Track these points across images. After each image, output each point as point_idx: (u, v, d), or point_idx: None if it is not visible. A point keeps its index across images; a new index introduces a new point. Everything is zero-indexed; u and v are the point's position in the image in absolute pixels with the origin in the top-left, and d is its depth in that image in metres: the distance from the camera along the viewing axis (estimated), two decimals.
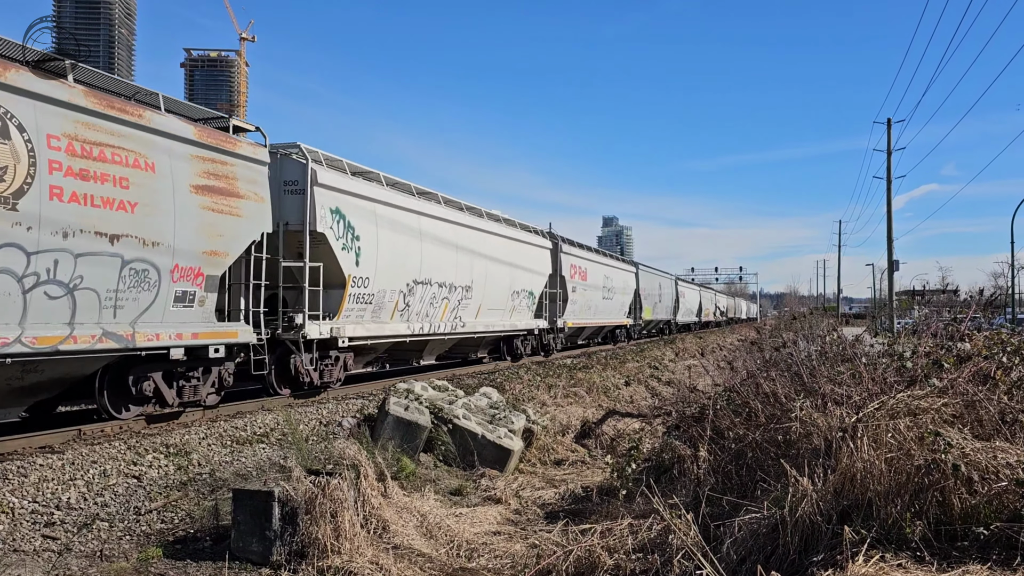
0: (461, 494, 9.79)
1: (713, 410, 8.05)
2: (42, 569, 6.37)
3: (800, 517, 5.41)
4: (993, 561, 4.77)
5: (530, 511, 9.14)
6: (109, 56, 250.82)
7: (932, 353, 7.48)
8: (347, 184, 14.52)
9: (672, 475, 8.62)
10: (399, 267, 16.13)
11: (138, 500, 8.01)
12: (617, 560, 5.86)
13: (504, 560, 7.06)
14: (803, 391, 7.45)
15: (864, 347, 9.28)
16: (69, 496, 7.71)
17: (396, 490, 8.15)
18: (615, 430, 14.36)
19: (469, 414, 12.04)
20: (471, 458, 11.27)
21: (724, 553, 5.51)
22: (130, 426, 10.39)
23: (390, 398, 11.70)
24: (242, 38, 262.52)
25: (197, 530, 7.56)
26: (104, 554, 6.90)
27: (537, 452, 12.59)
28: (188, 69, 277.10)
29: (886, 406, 6.17)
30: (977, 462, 5.32)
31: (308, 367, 13.46)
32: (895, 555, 4.89)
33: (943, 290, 51.18)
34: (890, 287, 41.53)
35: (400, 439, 10.96)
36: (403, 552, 6.97)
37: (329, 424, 11.69)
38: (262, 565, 6.70)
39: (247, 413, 11.72)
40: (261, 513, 6.81)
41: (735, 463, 7.32)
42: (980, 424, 6.22)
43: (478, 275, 20.10)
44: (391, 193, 16.39)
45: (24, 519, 7.17)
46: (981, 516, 5.13)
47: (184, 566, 6.74)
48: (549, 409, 15.23)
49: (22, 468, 7.85)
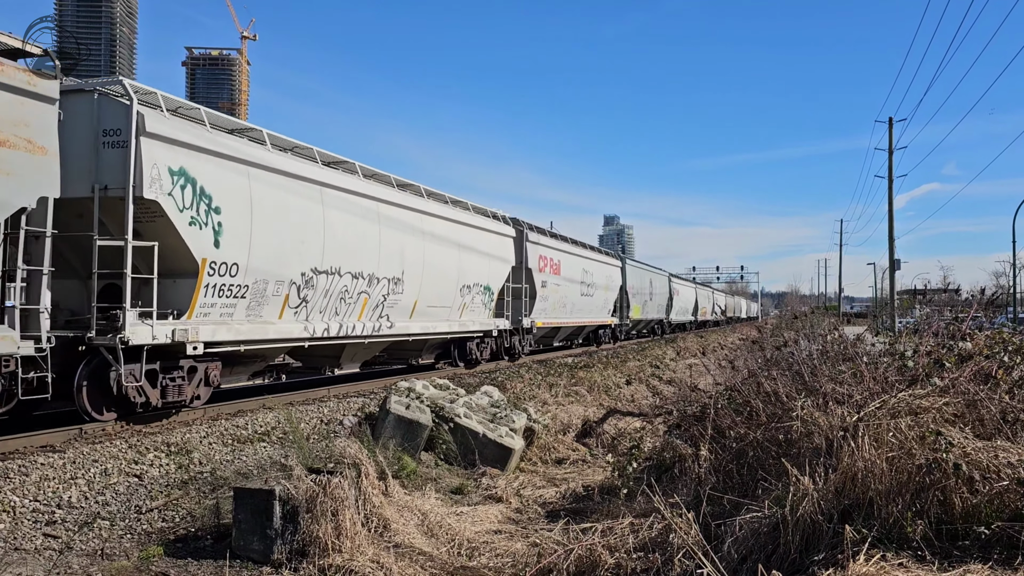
0: (462, 493, 9.79)
1: (714, 409, 8.05)
2: (43, 567, 6.38)
3: (801, 516, 5.41)
4: (994, 561, 4.77)
5: (531, 510, 9.14)
6: (111, 54, 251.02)
7: (933, 352, 7.48)
8: (201, 139, 11.01)
9: (673, 474, 8.62)
10: (289, 252, 12.71)
11: (139, 499, 8.02)
12: (618, 559, 5.86)
13: (505, 559, 7.06)
14: (804, 390, 7.45)
15: (865, 346, 9.28)
16: (70, 495, 7.72)
17: (397, 489, 8.16)
18: (616, 429, 14.37)
19: (470, 413, 12.04)
20: (472, 457, 11.28)
21: (725, 552, 5.51)
22: (132, 425, 10.39)
23: (391, 396, 11.70)
24: (243, 36, 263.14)
25: (198, 529, 7.56)
26: (105, 553, 6.91)
27: (538, 451, 12.59)
28: (189, 68, 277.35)
29: (887, 405, 6.17)
30: (978, 461, 5.32)
31: (133, 383, 10.02)
32: (896, 554, 4.89)
33: (944, 289, 51.18)
34: (891, 286, 41.53)
35: (401, 438, 10.96)
36: (404, 551, 6.98)
37: (330, 423, 11.69)
38: (263, 564, 6.71)
39: (248, 412, 11.71)
40: (262, 512, 6.81)
41: (736, 462, 7.32)
42: (981, 423, 6.22)
43: (412, 265, 16.62)
44: (279, 158, 12.87)
45: (25, 518, 7.17)
46: (982, 515, 5.13)
47: (185, 564, 6.75)
48: (550, 408, 15.23)
49: (23, 467, 7.86)
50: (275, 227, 12.36)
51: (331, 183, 13.92)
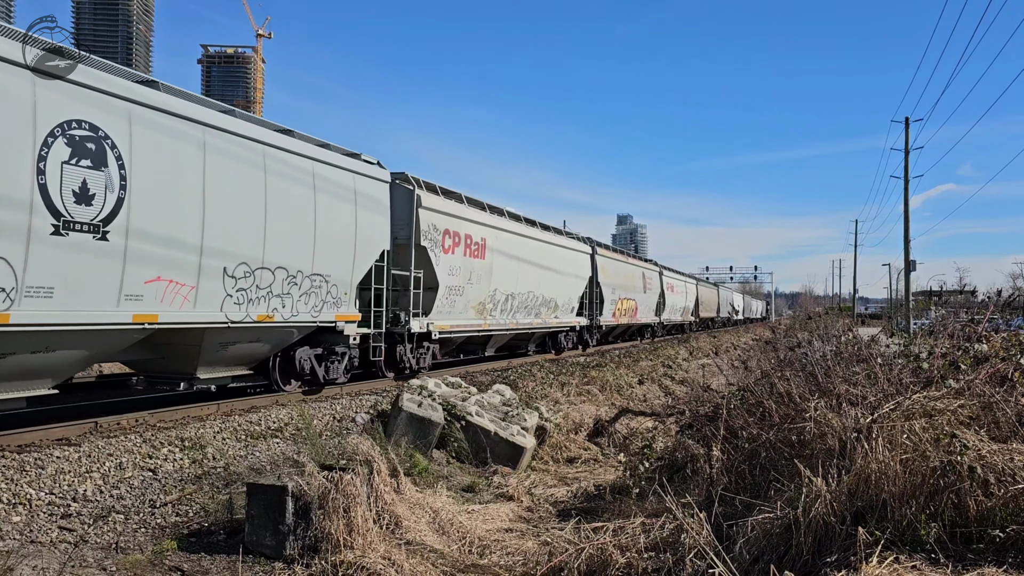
0: (473, 491, 9.81)
1: (727, 409, 8.02)
2: (58, 560, 6.43)
3: (814, 517, 5.39)
4: (1009, 564, 4.73)
5: (542, 509, 9.15)
6: (127, 52, 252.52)
7: (949, 354, 7.43)
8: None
9: (685, 474, 8.60)
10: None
11: (153, 493, 8.08)
12: (629, 558, 5.86)
13: (516, 557, 7.07)
14: (818, 391, 7.41)
15: (880, 347, 9.22)
16: (85, 488, 7.79)
17: (409, 486, 8.18)
18: (628, 428, 14.35)
19: (482, 411, 12.05)
20: (484, 455, 11.29)
21: (737, 553, 5.50)
22: (146, 419, 10.47)
23: (403, 394, 11.73)
24: (259, 34, 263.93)
25: (211, 523, 7.60)
26: (119, 546, 6.96)
27: (550, 450, 12.60)
28: (205, 66, 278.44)
29: (901, 407, 6.13)
30: (993, 464, 5.28)
31: None
32: (909, 557, 4.86)
33: (960, 291, 50.75)
34: (907, 287, 41.22)
35: (413, 435, 10.99)
36: (415, 548, 6.99)
37: (343, 420, 11.74)
38: (275, 559, 6.74)
39: (261, 408, 11.77)
40: (275, 507, 6.85)
41: (748, 463, 7.29)
42: (997, 426, 6.17)
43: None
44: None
45: (41, 511, 7.24)
46: (997, 519, 5.09)
47: (198, 559, 6.79)
48: (562, 407, 15.23)
49: (39, 460, 7.93)
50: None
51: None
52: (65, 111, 8.60)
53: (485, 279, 19.10)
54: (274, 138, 11.94)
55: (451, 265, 17.37)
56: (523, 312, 21.90)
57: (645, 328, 40.59)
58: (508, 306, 20.78)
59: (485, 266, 19.01)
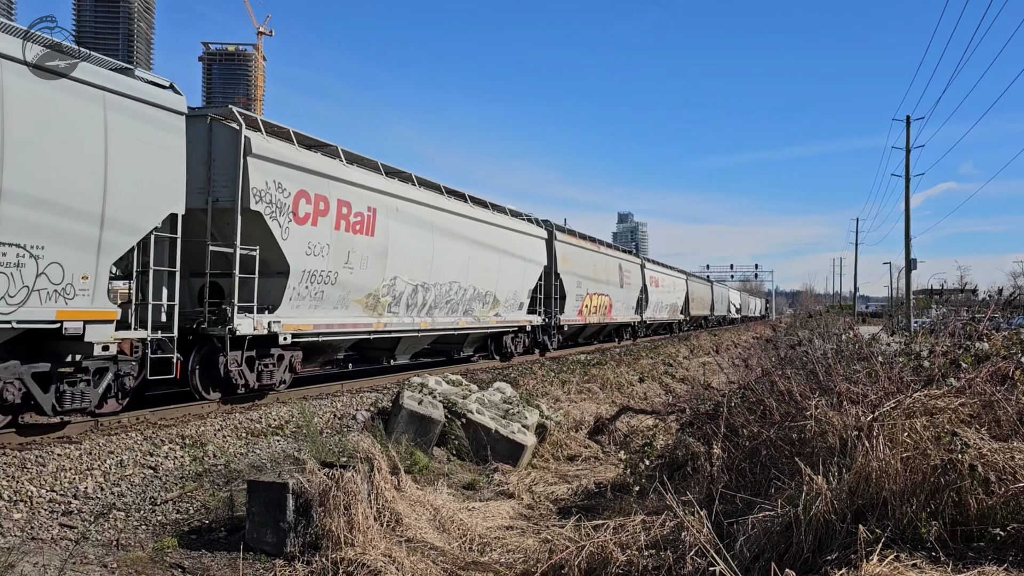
0: (474, 488, 9.82)
1: (727, 407, 8.02)
2: (59, 557, 6.44)
3: (814, 516, 5.38)
4: (1009, 562, 4.73)
5: (543, 506, 9.15)
6: (128, 50, 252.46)
7: (950, 352, 7.43)
8: None
9: (686, 472, 8.61)
10: None
11: (154, 490, 8.09)
12: (630, 556, 5.86)
13: (516, 554, 7.07)
14: (818, 389, 7.41)
15: (880, 346, 9.24)
16: (86, 485, 7.80)
17: (409, 483, 8.19)
18: (628, 426, 14.36)
19: (483, 409, 12.06)
20: (484, 453, 11.30)
21: (737, 550, 5.50)
22: (146, 417, 10.48)
23: (404, 392, 11.74)
24: (259, 32, 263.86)
25: (212, 521, 7.61)
26: (120, 543, 6.97)
27: (550, 447, 12.60)
28: (206, 63, 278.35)
29: (902, 405, 6.13)
30: (994, 463, 5.28)
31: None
32: (910, 555, 4.86)
33: (961, 289, 50.80)
34: (907, 286, 41.22)
35: (414, 433, 11.00)
36: (416, 545, 7.00)
37: (343, 417, 11.74)
38: (276, 556, 6.75)
39: (262, 405, 11.78)
40: (275, 505, 6.86)
41: (749, 461, 7.29)
42: (998, 424, 6.17)
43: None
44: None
45: (42, 508, 7.25)
46: (998, 517, 5.09)
47: (199, 556, 6.80)
48: (563, 405, 15.23)
49: (40, 457, 7.94)
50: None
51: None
52: None
53: (376, 263, 14.33)
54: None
55: (311, 241, 12.48)
56: (444, 308, 17.28)
57: (624, 328, 35.46)
58: (418, 300, 16.09)
59: (375, 246, 14.23)
